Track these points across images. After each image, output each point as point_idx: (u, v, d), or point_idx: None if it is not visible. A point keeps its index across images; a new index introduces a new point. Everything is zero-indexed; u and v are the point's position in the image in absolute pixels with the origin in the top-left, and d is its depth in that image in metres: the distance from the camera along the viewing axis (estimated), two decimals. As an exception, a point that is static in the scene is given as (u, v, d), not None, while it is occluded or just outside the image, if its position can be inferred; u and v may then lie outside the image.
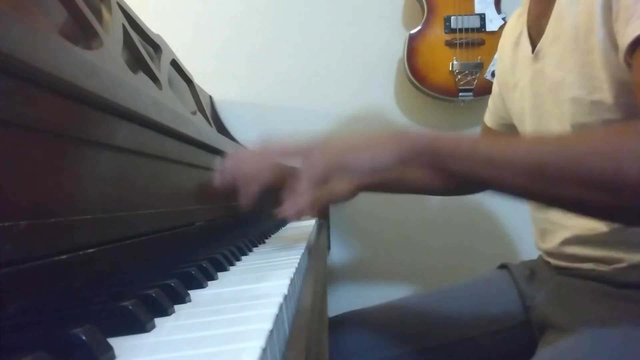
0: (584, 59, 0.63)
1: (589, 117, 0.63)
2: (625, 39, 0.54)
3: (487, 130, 1.00)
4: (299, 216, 0.63)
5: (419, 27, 1.44)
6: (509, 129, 0.91)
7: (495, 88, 0.97)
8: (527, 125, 0.81)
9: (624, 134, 0.48)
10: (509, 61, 0.86)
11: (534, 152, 0.52)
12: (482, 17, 1.41)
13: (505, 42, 0.90)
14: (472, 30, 1.41)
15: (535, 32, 0.77)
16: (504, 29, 0.95)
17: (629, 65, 0.55)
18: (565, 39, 0.67)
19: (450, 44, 1.42)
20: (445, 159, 0.56)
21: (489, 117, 0.99)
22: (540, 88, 0.74)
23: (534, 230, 0.84)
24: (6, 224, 0.34)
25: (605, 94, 0.61)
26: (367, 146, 0.58)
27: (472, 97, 1.41)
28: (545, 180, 0.50)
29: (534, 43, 0.76)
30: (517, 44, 0.82)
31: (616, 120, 0.61)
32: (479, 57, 1.40)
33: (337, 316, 0.91)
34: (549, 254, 0.80)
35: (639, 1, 0.52)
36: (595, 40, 0.60)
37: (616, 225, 0.66)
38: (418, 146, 0.57)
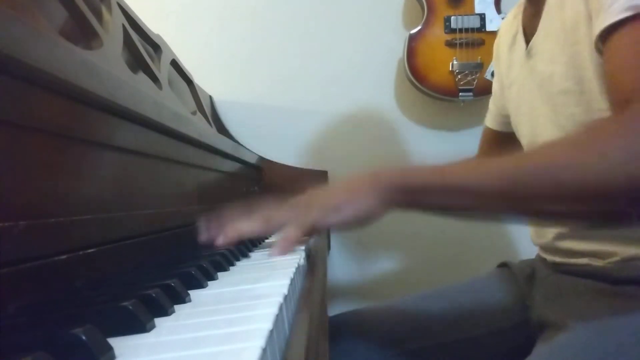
0: (572, 50, 0.65)
1: (577, 108, 0.66)
2: (594, 30, 0.57)
3: (488, 133, 1.00)
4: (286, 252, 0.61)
5: (419, 27, 1.44)
6: (511, 128, 0.91)
7: (495, 88, 0.97)
8: (522, 125, 0.82)
9: (588, 141, 0.50)
10: (506, 61, 0.86)
11: (505, 173, 0.53)
12: (482, 17, 1.41)
13: (501, 42, 0.90)
14: (472, 30, 1.41)
15: (529, 32, 0.78)
16: (499, 28, 0.95)
17: (600, 52, 0.59)
18: (555, 34, 0.69)
19: (450, 44, 1.42)
20: (418, 194, 0.57)
21: (491, 119, 0.99)
22: (531, 85, 0.76)
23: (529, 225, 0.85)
24: (6, 224, 0.34)
25: (592, 84, 0.63)
26: (346, 198, 0.58)
27: (472, 97, 1.41)
28: (525, 200, 0.52)
29: (528, 41, 0.77)
30: (513, 43, 0.83)
31: (601, 109, 0.63)
32: (479, 57, 1.40)
33: (336, 316, 0.90)
34: (544, 249, 0.80)
35: None
36: (582, 31, 0.63)
37: None
38: (392, 184, 0.57)
